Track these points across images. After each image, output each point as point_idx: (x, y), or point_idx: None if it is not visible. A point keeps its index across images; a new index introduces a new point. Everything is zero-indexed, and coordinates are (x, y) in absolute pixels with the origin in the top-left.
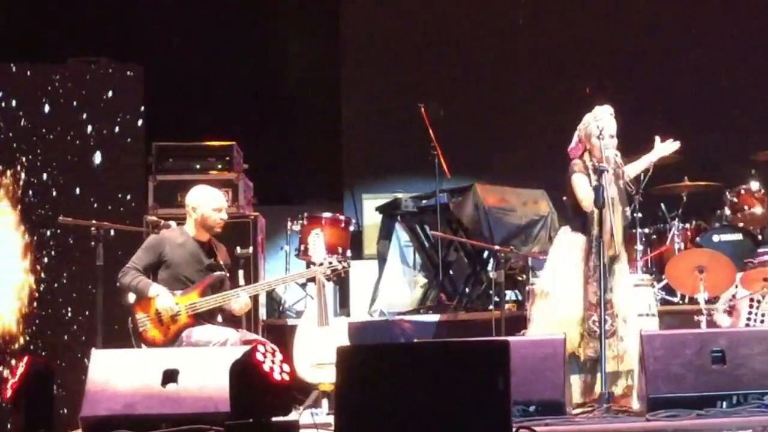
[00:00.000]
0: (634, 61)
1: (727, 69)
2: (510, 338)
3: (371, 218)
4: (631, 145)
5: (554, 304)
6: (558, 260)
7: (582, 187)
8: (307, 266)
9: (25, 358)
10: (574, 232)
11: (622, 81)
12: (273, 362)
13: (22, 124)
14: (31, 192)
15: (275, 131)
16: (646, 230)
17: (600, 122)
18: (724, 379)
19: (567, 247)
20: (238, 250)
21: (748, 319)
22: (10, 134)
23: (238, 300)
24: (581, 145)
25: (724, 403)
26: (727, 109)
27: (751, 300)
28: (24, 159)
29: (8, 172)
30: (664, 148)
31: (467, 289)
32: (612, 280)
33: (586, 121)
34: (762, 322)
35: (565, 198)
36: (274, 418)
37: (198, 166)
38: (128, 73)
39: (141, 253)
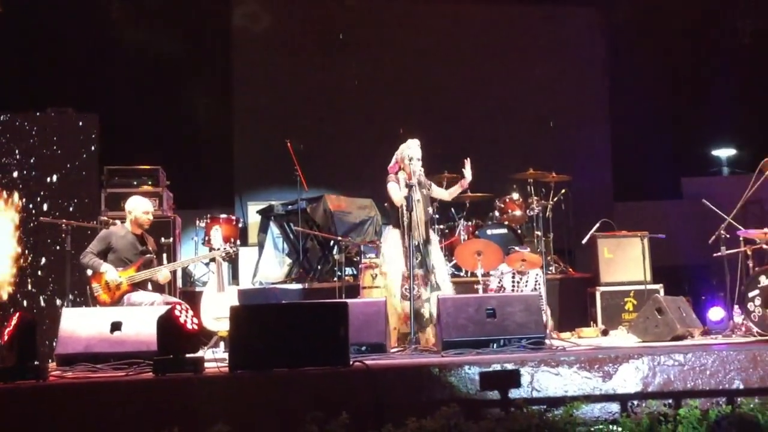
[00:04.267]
0: (433, 106)
1: (496, 116)
2: (348, 300)
3: (253, 218)
4: (434, 165)
5: (388, 280)
6: (387, 249)
7: (393, 191)
8: (210, 251)
9: (17, 313)
10: (393, 228)
11: (426, 122)
12: (186, 317)
13: (16, 153)
14: (23, 200)
15: (187, 158)
16: (441, 226)
17: (410, 151)
18: (495, 329)
19: (390, 240)
20: (162, 240)
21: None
22: (8, 163)
23: (161, 273)
24: (397, 164)
25: (495, 345)
26: (497, 143)
27: (515, 274)
28: (20, 177)
29: (10, 187)
30: (468, 171)
31: (319, 267)
32: (429, 258)
33: (402, 148)
34: (520, 289)
35: (386, 204)
36: (187, 355)
37: (135, 183)
38: (87, 119)
39: (96, 242)
